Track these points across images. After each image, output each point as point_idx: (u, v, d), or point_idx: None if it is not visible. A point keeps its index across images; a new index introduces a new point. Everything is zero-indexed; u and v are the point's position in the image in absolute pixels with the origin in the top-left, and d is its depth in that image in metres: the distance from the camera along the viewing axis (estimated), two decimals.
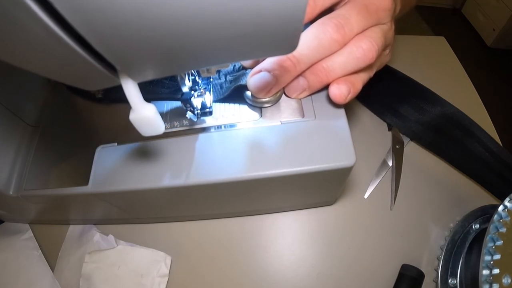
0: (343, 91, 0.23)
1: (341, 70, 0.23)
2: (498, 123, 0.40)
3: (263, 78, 0.23)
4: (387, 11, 0.24)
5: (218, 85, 0.26)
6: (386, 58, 0.28)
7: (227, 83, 0.26)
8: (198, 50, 0.12)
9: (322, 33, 0.22)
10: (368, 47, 0.23)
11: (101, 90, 0.26)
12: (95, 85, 0.15)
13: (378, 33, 0.23)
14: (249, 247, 0.32)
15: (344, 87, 0.23)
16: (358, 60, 0.23)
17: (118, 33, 0.10)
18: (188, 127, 0.25)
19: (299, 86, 0.24)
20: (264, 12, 0.10)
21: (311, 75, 0.24)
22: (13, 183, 0.26)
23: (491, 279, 0.23)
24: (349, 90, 0.24)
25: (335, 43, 0.22)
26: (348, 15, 0.22)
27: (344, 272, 0.31)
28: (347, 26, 0.22)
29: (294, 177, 0.23)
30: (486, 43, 1.45)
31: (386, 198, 0.34)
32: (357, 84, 0.24)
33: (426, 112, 0.35)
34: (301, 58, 0.22)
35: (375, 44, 0.23)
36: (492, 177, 0.33)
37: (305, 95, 0.25)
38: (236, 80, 0.25)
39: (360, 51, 0.23)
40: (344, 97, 0.23)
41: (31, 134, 0.28)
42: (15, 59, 0.11)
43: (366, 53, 0.23)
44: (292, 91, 0.25)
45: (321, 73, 0.23)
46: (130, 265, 0.31)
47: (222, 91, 0.26)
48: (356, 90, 0.24)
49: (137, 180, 0.23)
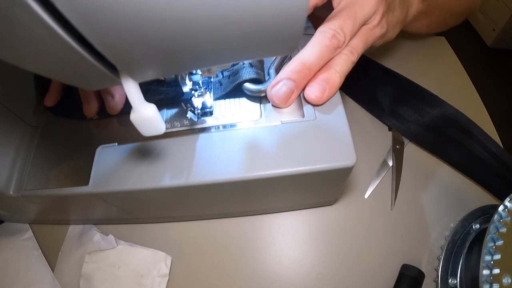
0: (316, 93, 0.23)
1: (320, 60, 0.23)
2: (498, 123, 0.40)
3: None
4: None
5: (217, 83, 0.26)
6: (375, 32, 0.26)
7: (225, 79, 0.26)
8: (199, 50, 0.12)
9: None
10: (333, 27, 0.23)
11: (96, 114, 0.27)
12: (96, 85, 0.15)
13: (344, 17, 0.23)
14: (249, 247, 0.32)
15: (316, 87, 0.23)
16: (334, 48, 0.23)
17: (119, 33, 0.10)
18: (189, 127, 0.25)
19: (287, 90, 0.24)
20: (265, 12, 0.10)
21: (294, 73, 0.24)
22: (13, 183, 0.26)
23: (491, 279, 0.23)
24: (324, 89, 0.23)
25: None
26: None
27: (344, 272, 0.31)
28: None
29: (294, 177, 0.23)
30: (486, 43, 1.44)
31: (386, 198, 0.34)
32: (333, 79, 0.24)
33: (425, 114, 0.35)
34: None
35: (340, 28, 0.23)
36: (492, 178, 0.33)
37: (294, 98, 0.25)
38: (234, 74, 0.25)
39: (335, 40, 0.23)
40: (319, 98, 0.23)
41: (31, 134, 0.28)
42: (16, 59, 0.11)
43: (339, 39, 0.23)
44: (281, 97, 0.24)
45: (302, 68, 0.23)
46: (130, 265, 0.31)
47: (222, 88, 0.26)
48: (333, 84, 0.24)
49: (137, 180, 0.23)
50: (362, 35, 0.25)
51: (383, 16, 0.26)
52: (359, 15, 0.24)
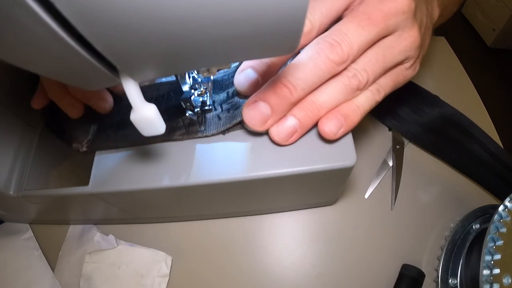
0: (331, 128, 0.20)
1: (333, 102, 0.20)
2: (498, 123, 0.40)
3: (258, 109, 0.20)
4: (400, 14, 0.19)
5: (215, 117, 0.24)
6: (407, 74, 0.23)
7: (224, 113, 0.24)
8: (199, 50, 0.12)
9: (316, 54, 0.19)
10: (356, 66, 0.20)
11: (85, 143, 0.25)
12: (96, 85, 0.15)
13: (378, 55, 0.20)
14: (250, 247, 0.32)
15: (332, 123, 0.20)
16: (353, 90, 0.20)
17: (119, 33, 0.10)
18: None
19: (289, 127, 0.21)
20: (264, 11, 0.10)
21: (300, 111, 0.21)
22: (13, 183, 0.26)
23: (492, 279, 0.23)
24: (340, 125, 0.20)
25: (332, 65, 0.19)
26: (345, 29, 0.19)
27: (344, 272, 0.31)
28: (344, 43, 0.19)
29: (294, 177, 0.23)
30: (486, 43, 1.44)
31: (387, 198, 0.34)
32: (352, 116, 0.21)
33: (425, 114, 0.35)
34: (298, 83, 0.19)
35: (370, 72, 0.20)
36: (492, 178, 0.33)
37: (297, 137, 0.22)
38: (235, 108, 0.24)
39: (355, 80, 0.20)
40: (333, 134, 0.21)
41: (31, 134, 0.28)
42: (15, 59, 0.11)
43: (361, 81, 0.20)
44: (282, 135, 0.21)
45: (312, 108, 0.20)
46: (130, 265, 0.31)
47: (221, 124, 0.24)
48: (351, 123, 0.21)
49: (137, 180, 0.23)
50: (393, 75, 0.22)
51: (419, 57, 0.23)
52: (390, 57, 0.21)
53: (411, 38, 0.20)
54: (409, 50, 0.21)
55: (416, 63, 0.23)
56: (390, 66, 0.21)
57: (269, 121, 0.21)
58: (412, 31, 0.20)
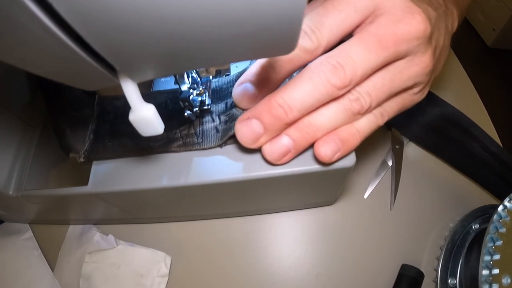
0: (327, 152, 0.20)
1: (332, 125, 0.19)
2: (498, 123, 0.40)
3: (250, 126, 0.20)
4: (413, 40, 0.18)
5: (213, 129, 0.24)
6: (414, 99, 0.22)
7: (222, 125, 0.24)
8: (197, 50, 0.12)
9: (317, 76, 0.18)
10: (360, 89, 0.18)
11: (82, 154, 0.24)
12: (94, 85, 0.15)
13: (383, 83, 0.19)
14: (249, 247, 0.32)
15: (329, 147, 0.20)
16: (354, 114, 0.19)
17: (117, 34, 0.10)
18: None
19: (283, 147, 0.20)
20: (262, 11, 0.10)
21: (296, 131, 0.20)
22: (13, 183, 0.26)
23: (491, 279, 0.23)
24: (337, 149, 0.20)
25: (332, 89, 0.18)
26: (351, 51, 0.18)
27: (344, 272, 0.31)
28: (348, 66, 0.17)
29: (294, 178, 0.23)
30: (486, 43, 1.44)
31: (386, 198, 0.34)
32: (351, 141, 0.20)
33: (425, 113, 0.35)
34: (294, 104, 0.18)
35: (374, 96, 0.19)
36: (492, 177, 0.33)
37: (290, 158, 0.21)
38: (232, 120, 0.23)
39: (357, 105, 0.19)
40: (328, 158, 0.20)
41: (31, 134, 0.28)
42: (14, 59, 0.11)
43: (363, 105, 0.19)
44: (274, 155, 0.20)
45: (308, 129, 0.19)
46: (130, 265, 0.31)
47: (219, 137, 0.23)
48: (348, 148, 0.20)
49: (137, 180, 0.23)
50: (400, 99, 0.21)
51: (429, 82, 0.22)
52: (398, 83, 0.19)
53: (422, 64, 0.19)
54: (420, 76, 0.20)
55: (426, 88, 0.22)
56: (396, 92, 0.20)
57: (261, 139, 0.20)
58: (425, 57, 0.19)
